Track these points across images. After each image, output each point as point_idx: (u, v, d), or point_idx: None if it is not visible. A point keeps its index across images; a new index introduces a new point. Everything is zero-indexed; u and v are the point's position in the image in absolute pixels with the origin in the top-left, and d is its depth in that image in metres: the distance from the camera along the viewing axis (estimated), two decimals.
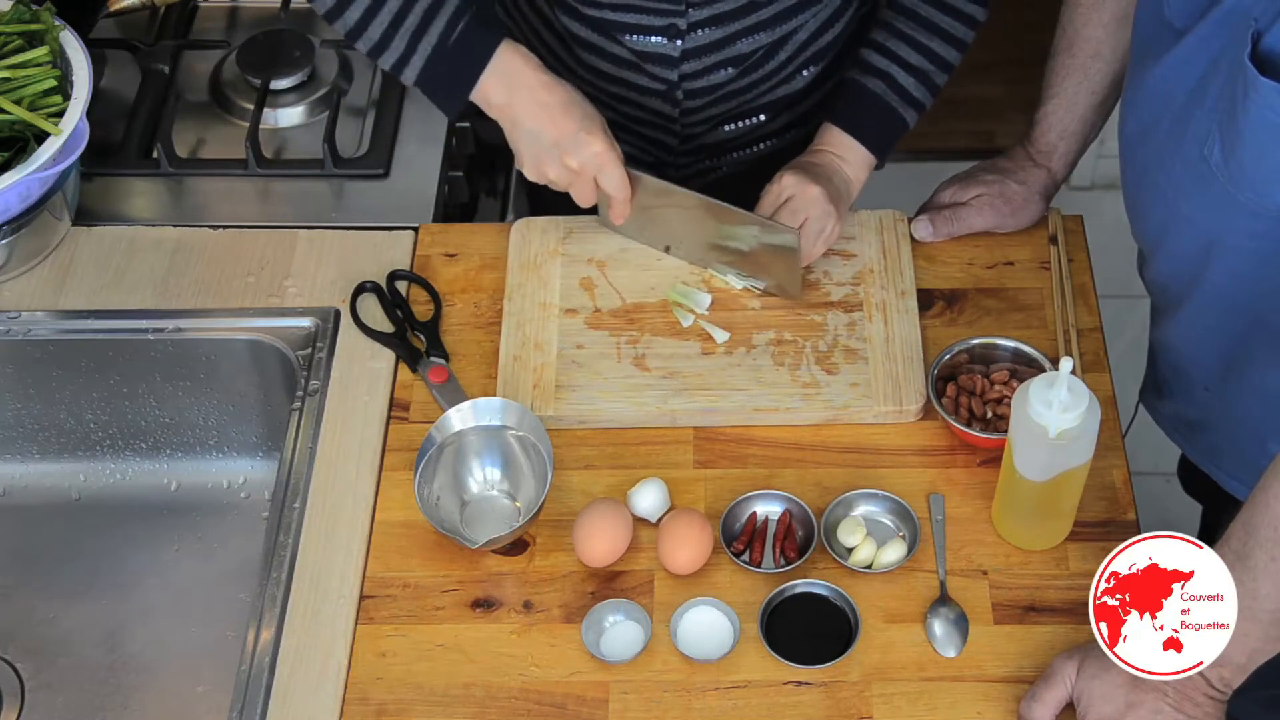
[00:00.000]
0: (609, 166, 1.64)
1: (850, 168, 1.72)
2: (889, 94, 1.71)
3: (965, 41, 1.73)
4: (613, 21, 1.73)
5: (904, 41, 1.71)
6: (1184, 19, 1.43)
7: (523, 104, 1.62)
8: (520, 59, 1.62)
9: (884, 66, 1.71)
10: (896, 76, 1.71)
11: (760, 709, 1.45)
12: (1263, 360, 1.52)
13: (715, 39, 1.73)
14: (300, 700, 1.47)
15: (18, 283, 1.78)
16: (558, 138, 1.62)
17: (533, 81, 1.62)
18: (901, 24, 1.72)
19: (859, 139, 1.71)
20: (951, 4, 1.72)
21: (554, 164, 1.64)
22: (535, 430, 1.57)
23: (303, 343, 1.71)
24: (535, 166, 1.65)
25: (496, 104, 1.64)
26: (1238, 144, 1.38)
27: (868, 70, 1.72)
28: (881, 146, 1.73)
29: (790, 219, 1.67)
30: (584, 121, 1.62)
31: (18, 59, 1.74)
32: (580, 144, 1.62)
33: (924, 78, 1.72)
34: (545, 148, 1.63)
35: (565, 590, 1.53)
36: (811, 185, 1.67)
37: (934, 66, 1.72)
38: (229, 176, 1.90)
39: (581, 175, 1.65)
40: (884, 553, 1.53)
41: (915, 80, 1.71)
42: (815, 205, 1.67)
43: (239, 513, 1.79)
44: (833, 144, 1.72)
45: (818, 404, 1.63)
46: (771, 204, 1.68)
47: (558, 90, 1.62)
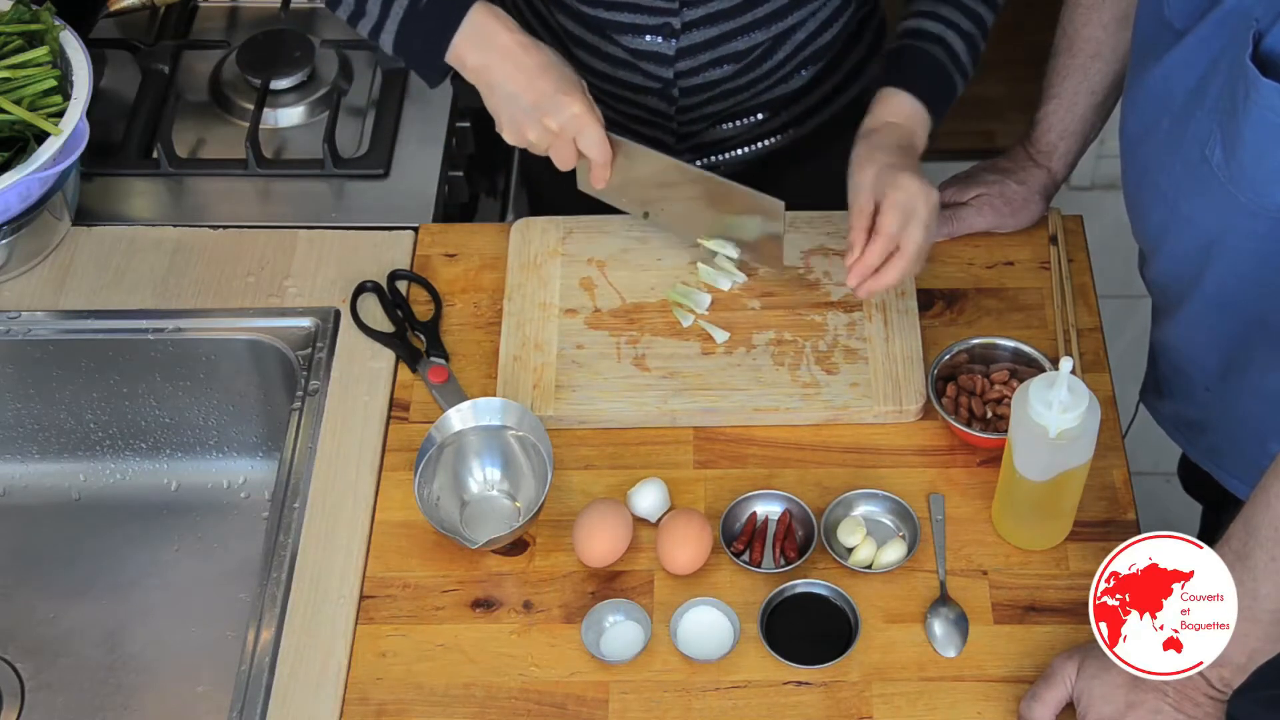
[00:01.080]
0: (588, 128, 1.61)
1: (919, 133, 1.67)
2: (946, 60, 1.68)
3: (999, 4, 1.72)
4: (607, 20, 1.73)
5: (955, 7, 1.69)
6: (1184, 19, 1.43)
7: (499, 66, 1.60)
8: (494, 20, 1.60)
9: (939, 32, 1.68)
10: (951, 42, 1.69)
11: (760, 709, 1.45)
12: (1263, 360, 1.52)
13: (710, 37, 1.73)
14: (300, 700, 1.47)
15: (18, 283, 1.78)
16: (536, 100, 1.60)
17: (508, 42, 1.60)
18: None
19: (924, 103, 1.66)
20: None
21: (533, 126, 1.61)
22: (535, 430, 1.57)
23: (303, 343, 1.71)
24: (514, 129, 1.63)
25: (472, 66, 1.61)
26: (1238, 144, 1.37)
27: (925, 36, 1.69)
28: (940, 110, 1.69)
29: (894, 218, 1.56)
30: (562, 83, 1.60)
31: (18, 59, 1.74)
32: (559, 105, 1.60)
33: (971, 43, 1.70)
34: (524, 110, 1.61)
35: (565, 590, 1.53)
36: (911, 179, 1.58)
37: (979, 31, 1.71)
38: (229, 176, 1.90)
39: (561, 137, 1.62)
40: (884, 553, 1.53)
41: (965, 45, 1.70)
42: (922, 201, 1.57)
43: (239, 513, 1.79)
44: (902, 111, 1.66)
45: (818, 404, 1.63)
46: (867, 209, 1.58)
47: (534, 51, 1.60)
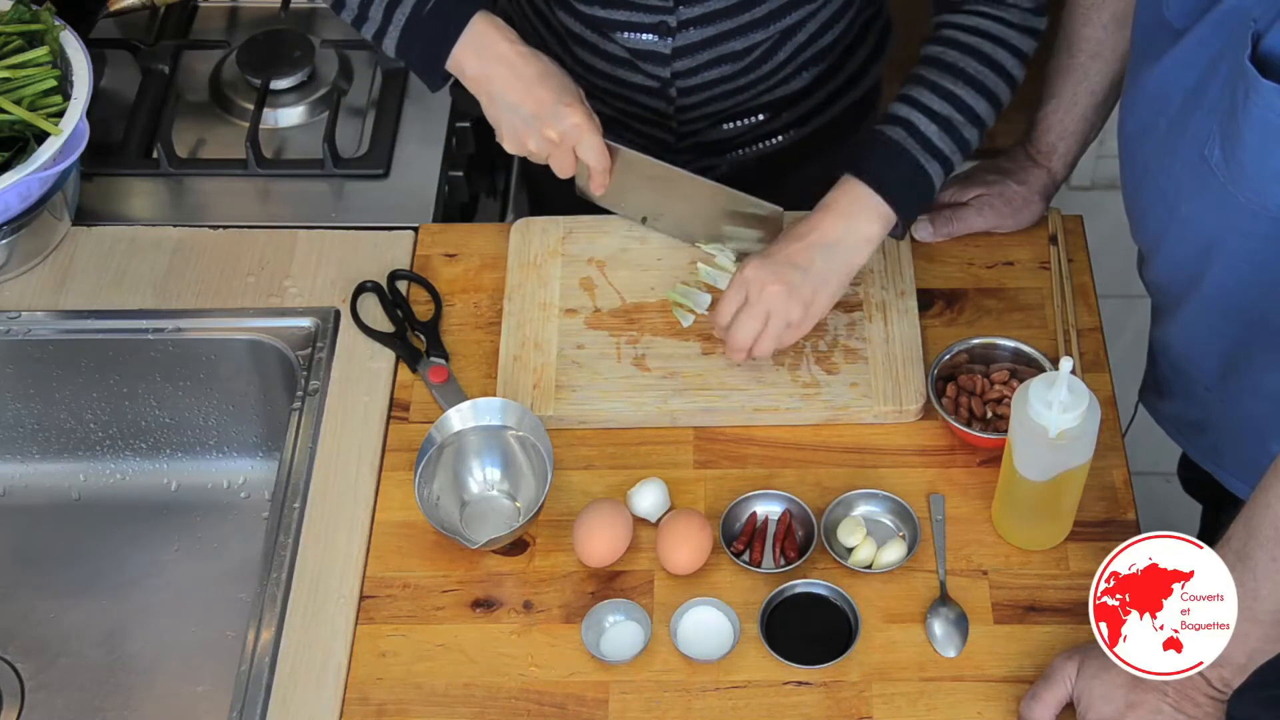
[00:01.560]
0: (587, 136, 1.63)
1: (863, 224, 1.59)
2: (908, 140, 1.60)
3: (995, 93, 1.63)
4: (604, 19, 1.73)
5: (927, 88, 1.62)
6: (1183, 19, 1.43)
7: (498, 76, 1.61)
8: (494, 30, 1.61)
9: (904, 114, 1.61)
10: (918, 124, 1.60)
11: (760, 709, 1.45)
12: (1263, 360, 1.52)
13: (707, 36, 1.72)
14: (300, 700, 1.47)
15: (18, 283, 1.78)
16: (536, 110, 1.61)
17: (507, 53, 1.61)
18: (928, 72, 1.63)
19: (875, 188, 1.59)
20: (979, 49, 1.63)
21: (533, 136, 1.63)
22: (535, 430, 1.57)
23: (303, 343, 1.71)
24: (514, 139, 1.64)
25: (471, 75, 1.63)
26: (1238, 145, 1.37)
27: (887, 119, 1.62)
28: (903, 201, 1.60)
29: (748, 318, 1.58)
30: (561, 93, 1.61)
31: (18, 59, 1.74)
32: (559, 115, 1.61)
33: (948, 126, 1.60)
34: (523, 119, 1.62)
35: (565, 590, 1.53)
36: (772, 284, 1.57)
37: (961, 116, 1.61)
38: (229, 176, 1.90)
39: (561, 146, 1.63)
40: (884, 553, 1.53)
41: (938, 129, 1.60)
42: (775, 304, 1.57)
43: (239, 513, 1.79)
44: (843, 198, 1.60)
45: (818, 404, 1.63)
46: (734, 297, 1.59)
47: (533, 62, 1.61)
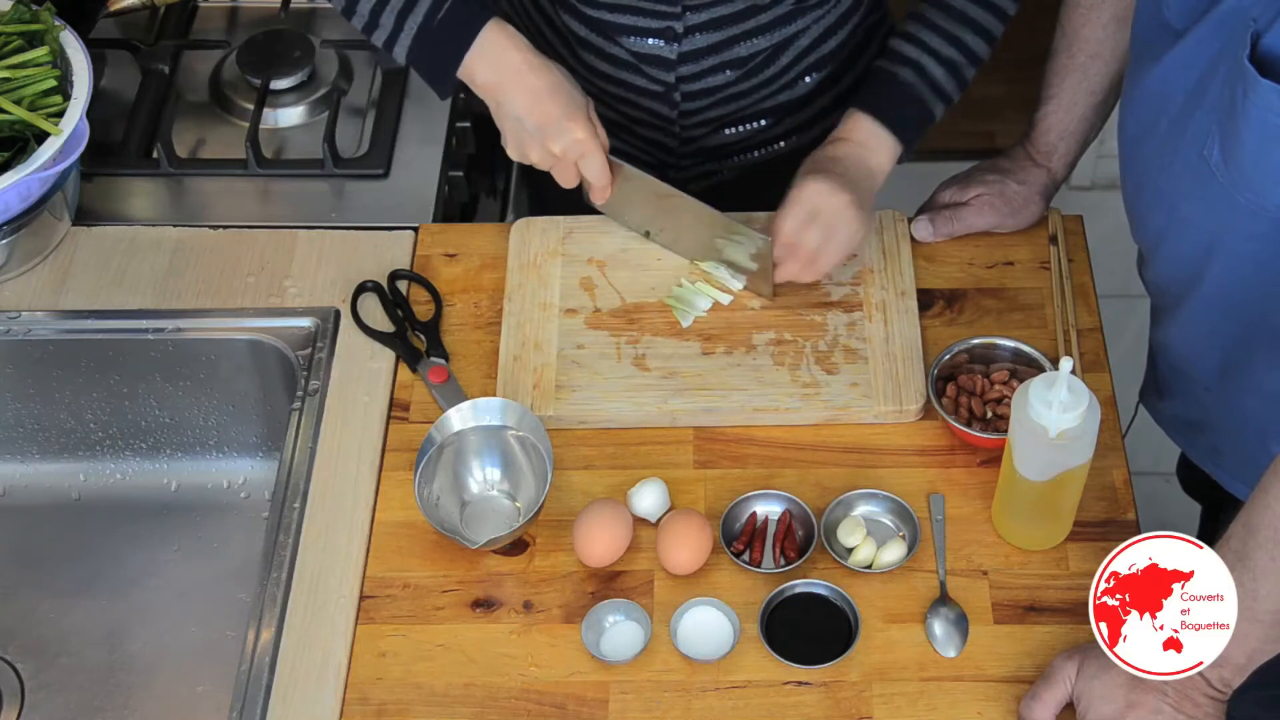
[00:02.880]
0: (590, 154, 1.63)
1: (876, 157, 1.68)
2: (919, 83, 1.68)
3: (994, 34, 1.71)
4: (610, 23, 1.73)
5: (935, 32, 1.69)
6: (1183, 19, 1.43)
7: (508, 85, 1.61)
8: (506, 39, 1.61)
9: (915, 56, 1.69)
10: (927, 67, 1.69)
11: (760, 709, 1.45)
12: (1263, 361, 1.52)
13: (713, 42, 1.73)
14: (300, 700, 1.47)
15: (18, 283, 1.78)
16: (541, 122, 1.61)
17: (518, 62, 1.61)
18: (933, 14, 1.70)
19: (889, 127, 1.68)
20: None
21: (536, 148, 1.63)
22: (535, 430, 1.57)
23: (303, 343, 1.71)
24: (518, 148, 1.65)
25: (481, 83, 1.63)
26: (1237, 145, 1.37)
27: (898, 59, 1.70)
28: (910, 137, 1.69)
29: (820, 233, 1.63)
30: (568, 107, 1.61)
31: (18, 59, 1.74)
32: (563, 130, 1.61)
33: (954, 69, 1.70)
34: (529, 131, 1.62)
35: (565, 590, 1.53)
36: (840, 193, 1.63)
37: (964, 59, 1.70)
38: (229, 176, 1.90)
39: (563, 160, 1.64)
40: (884, 553, 1.53)
41: (945, 71, 1.69)
42: (843, 216, 1.63)
43: (239, 513, 1.79)
44: (858, 132, 1.69)
45: (818, 404, 1.63)
46: (798, 214, 1.64)
47: (543, 73, 1.61)
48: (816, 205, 1.63)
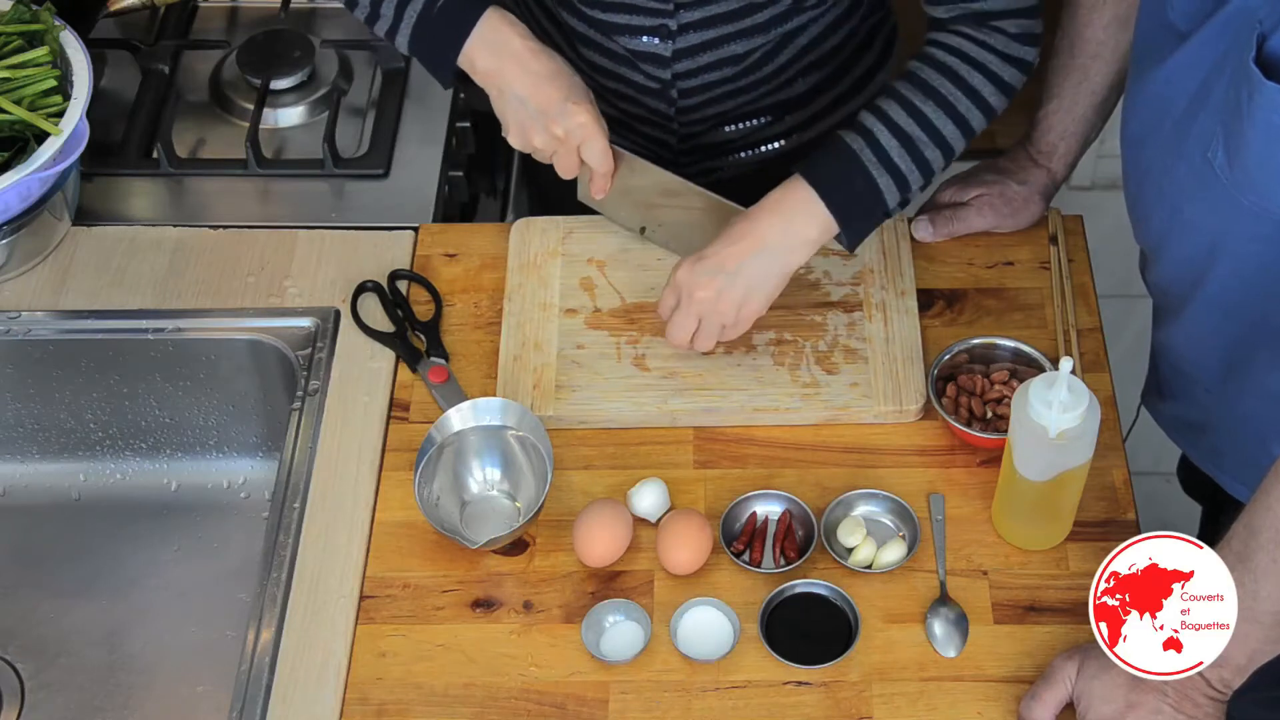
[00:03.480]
0: (593, 138, 1.62)
1: (800, 226, 1.58)
2: (865, 151, 1.58)
3: (966, 119, 1.60)
4: (605, 21, 1.73)
5: (896, 101, 1.59)
6: (1188, 21, 1.42)
7: (510, 70, 1.61)
8: (507, 25, 1.61)
9: (869, 124, 1.59)
10: (879, 136, 1.58)
11: (760, 709, 1.45)
12: (1265, 362, 1.52)
13: (707, 40, 1.72)
14: (300, 700, 1.47)
15: (18, 283, 1.78)
16: (543, 105, 1.60)
17: (519, 48, 1.61)
18: (900, 86, 1.61)
19: (822, 195, 1.57)
20: (956, 71, 1.60)
21: (539, 131, 1.62)
22: (535, 430, 1.57)
23: (303, 343, 1.71)
24: (520, 133, 1.64)
25: (483, 70, 1.62)
26: (1242, 147, 1.37)
27: (850, 126, 1.61)
28: (847, 212, 1.58)
29: (684, 315, 1.59)
30: (570, 91, 1.61)
31: (18, 59, 1.74)
32: (566, 113, 1.61)
33: (910, 145, 1.58)
34: (531, 114, 1.61)
35: (565, 590, 1.53)
36: (701, 287, 1.57)
37: (924, 134, 1.58)
38: (229, 176, 1.90)
39: (566, 144, 1.63)
40: (884, 553, 1.53)
41: (899, 144, 1.57)
42: (709, 308, 1.58)
43: (239, 513, 1.79)
44: (787, 198, 1.59)
45: (818, 404, 1.63)
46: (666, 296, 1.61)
47: (544, 59, 1.61)
48: (680, 291, 1.60)
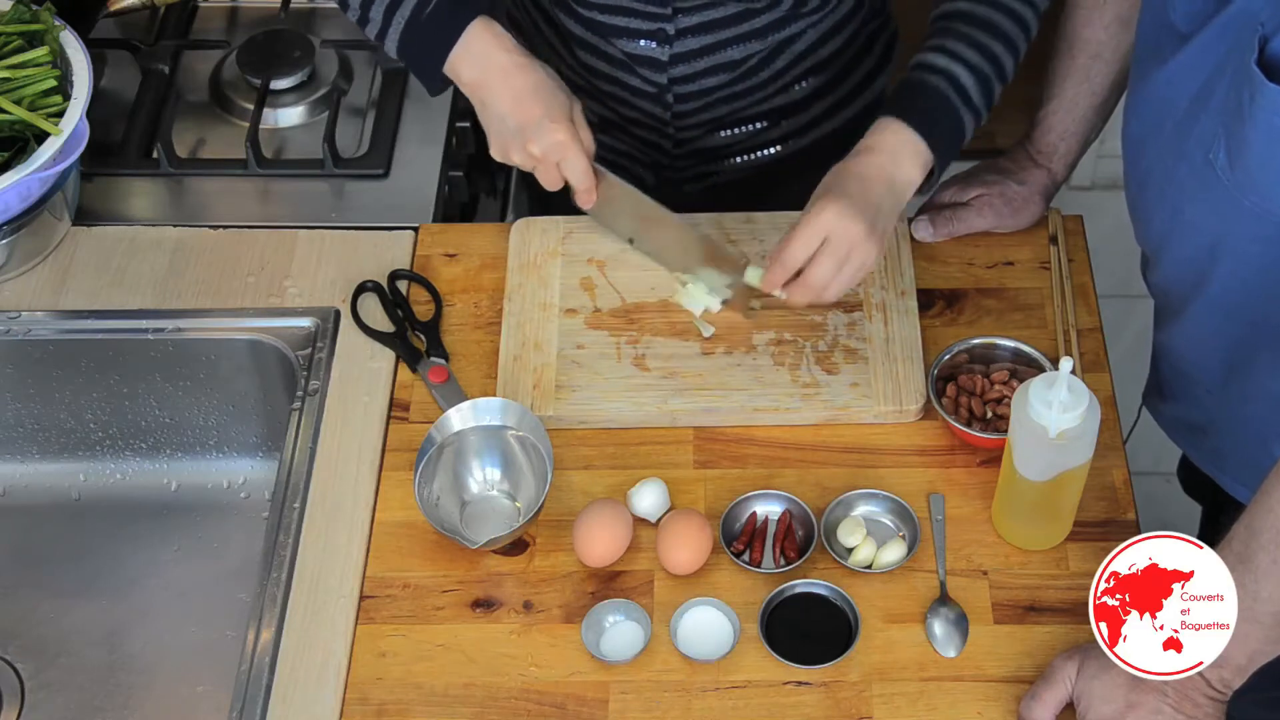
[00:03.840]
0: (571, 157, 1.61)
1: (905, 169, 1.58)
2: (951, 93, 1.60)
3: (1020, 49, 1.64)
4: (602, 23, 1.72)
5: (964, 42, 1.62)
6: (1189, 23, 1.42)
7: (492, 84, 1.60)
8: (492, 37, 1.60)
9: (945, 65, 1.61)
10: (959, 76, 1.60)
11: (760, 709, 1.45)
12: (1266, 364, 1.52)
13: (704, 44, 1.72)
14: (300, 700, 1.47)
15: (18, 283, 1.78)
16: (522, 122, 1.59)
17: (504, 62, 1.60)
18: (960, 25, 1.63)
19: (921, 134, 1.58)
20: (1008, 5, 1.63)
21: (517, 149, 1.62)
22: (535, 430, 1.57)
23: (303, 343, 1.71)
24: (500, 149, 1.63)
25: (467, 81, 1.62)
26: (1243, 148, 1.37)
27: (928, 69, 1.62)
28: (942, 145, 1.60)
29: (829, 261, 1.54)
30: (550, 108, 1.59)
31: (18, 59, 1.74)
32: (543, 131, 1.59)
33: (984, 82, 1.61)
34: (510, 131, 1.61)
35: (565, 590, 1.53)
36: (855, 222, 1.52)
37: (993, 71, 1.62)
38: (229, 176, 1.90)
39: (544, 162, 1.62)
40: (884, 553, 1.53)
41: (975, 81, 1.61)
42: (857, 245, 1.53)
43: (239, 513, 1.79)
44: (888, 142, 1.58)
45: (818, 404, 1.63)
46: (810, 240, 1.53)
47: (528, 72, 1.60)
48: (830, 232, 1.53)
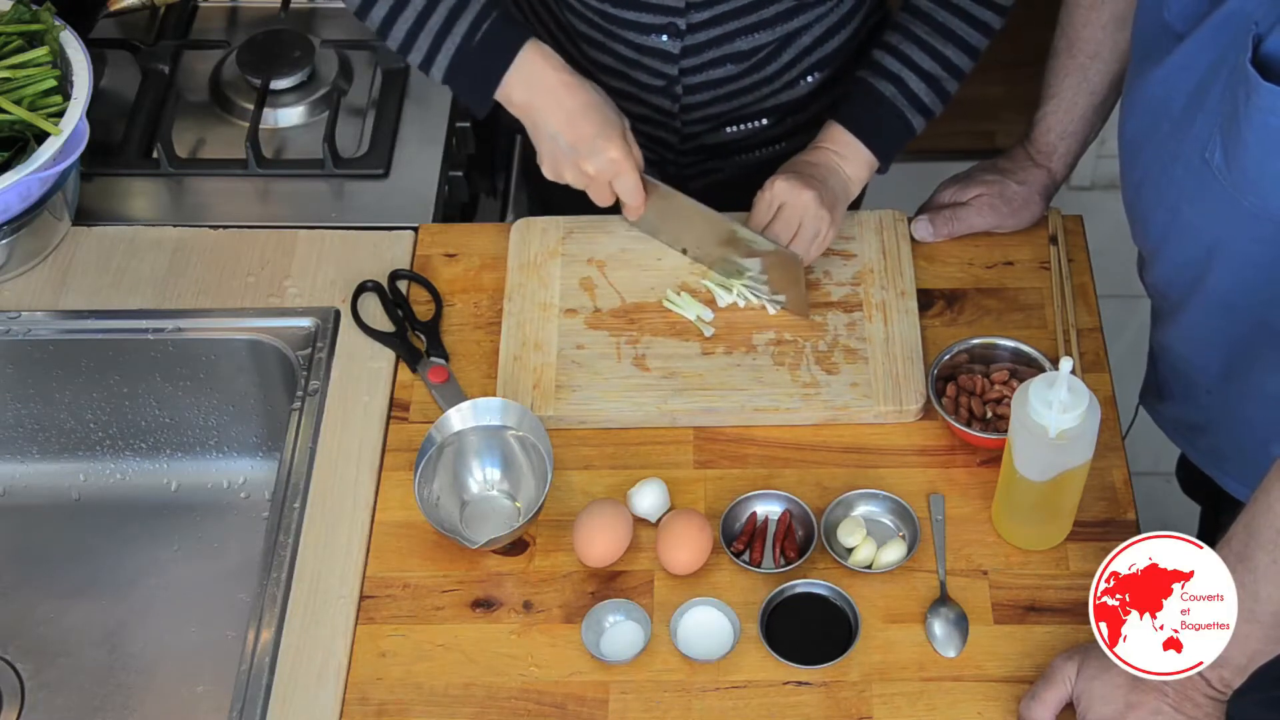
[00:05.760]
0: (624, 174, 1.65)
1: (851, 166, 1.71)
2: (899, 98, 1.70)
3: (978, 49, 1.72)
4: (614, 16, 1.73)
5: (918, 45, 1.70)
6: (1184, 23, 1.43)
7: (544, 105, 1.63)
8: (543, 59, 1.63)
9: (896, 70, 1.70)
10: (908, 81, 1.70)
11: (760, 709, 1.45)
12: (1264, 363, 1.52)
13: (714, 36, 1.73)
14: (300, 700, 1.47)
15: (18, 283, 1.78)
16: (575, 141, 1.63)
17: (554, 83, 1.62)
18: (916, 27, 1.71)
19: (864, 141, 1.71)
20: (967, 10, 1.70)
21: (570, 168, 1.65)
22: (535, 430, 1.57)
23: (303, 343, 1.71)
24: (553, 168, 1.67)
25: (519, 103, 1.64)
26: (1239, 148, 1.37)
27: (879, 72, 1.71)
28: (886, 150, 1.72)
29: (783, 227, 1.67)
30: (603, 127, 1.63)
31: (18, 59, 1.74)
32: (596, 150, 1.63)
33: (935, 84, 1.71)
34: (563, 150, 1.64)
35: (565, 590, 1.53)
36: (804, 190, 1.66)
37: (946, 73, 1.71)
38: (229, 176, 1.90)
39: (597, 180, 1.65)
40: (884, 553, 1.53)
41: (926, 86, 1.70)
42: (809, 211, 1.66)
43: (239, 513, 1.79)
44: (835, 142, 1.71)
45: (818, 404, 1.63)
46: (765, 211, 1.68)
47: (579, 93, 1.63)
48: (782, 200, 1.66)
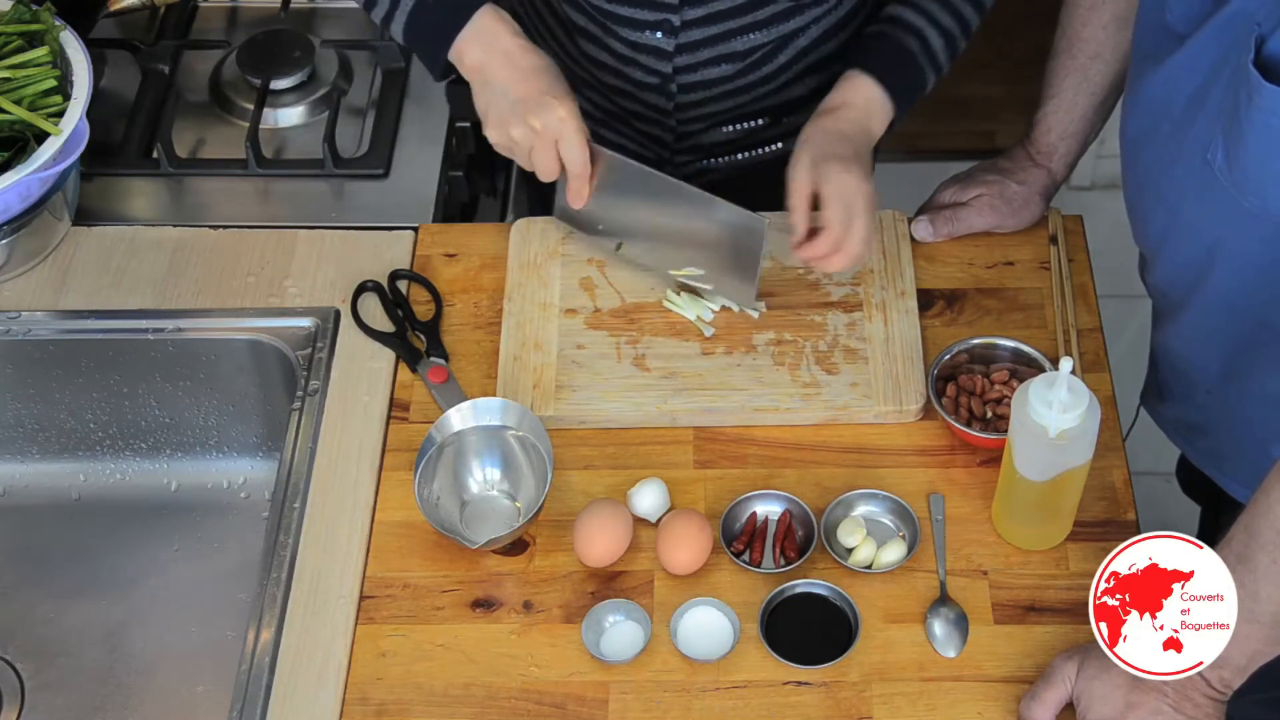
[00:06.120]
0: (570, 134, 1.61)
1: (875, 123, 1.67)
2: (921, 54, 1.68)
3: (985, 6, 1.72)
4: (609, 12, 1.73)
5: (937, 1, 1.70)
6: (1186, 24, 1.42)
7: (496, 64, 1.62)
8: (499, 23, 1.63)
9: (919, 25, 1.69)
10: (929, 38, 1.69)
11: (760, 709, 1.45)
12: (1265, 364, 1.52)
13: (709, 35, 1.73)
14: (300, 700, 1.47)
15: (18, 283, 1.78)
16: (524, 95, 1.61)
17: (509, 45, 1.62)
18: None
19: (892, 97, 1.67)
20: None
21: (518, 123, 1.62)
22: (535, 430, 1.57)
23: (303, 343, 1.71)
24: (499, 125, 1.63)
25: (470, 64, 1.63)
26: (1241, 149, 1.37)
27: (902, 26, 1.69)
28: (906, 104, 1.69)
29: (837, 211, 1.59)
30: (553, 87, 1.61)
31: (18, 59, 1.74)
32: (545, 106, 1.60)
33: (950, 41, 1.70)
34: (510, 105, 1.61)
35: (565, 590, 1.53)
36: (847, 172, 1.60)
37: (959, 30, 1.71)
38: (229, 176, 1.90)
39: (543, 137, 1.62)
40: (884, 553, 1.53)
41: (944, 42, 1.70)
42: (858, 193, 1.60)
43: (239, 513, 1.79)
44: (861, 96, 1.67)
45: (818, 404, 1.63)
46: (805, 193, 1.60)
47: (531, 55, 1.62)
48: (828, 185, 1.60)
